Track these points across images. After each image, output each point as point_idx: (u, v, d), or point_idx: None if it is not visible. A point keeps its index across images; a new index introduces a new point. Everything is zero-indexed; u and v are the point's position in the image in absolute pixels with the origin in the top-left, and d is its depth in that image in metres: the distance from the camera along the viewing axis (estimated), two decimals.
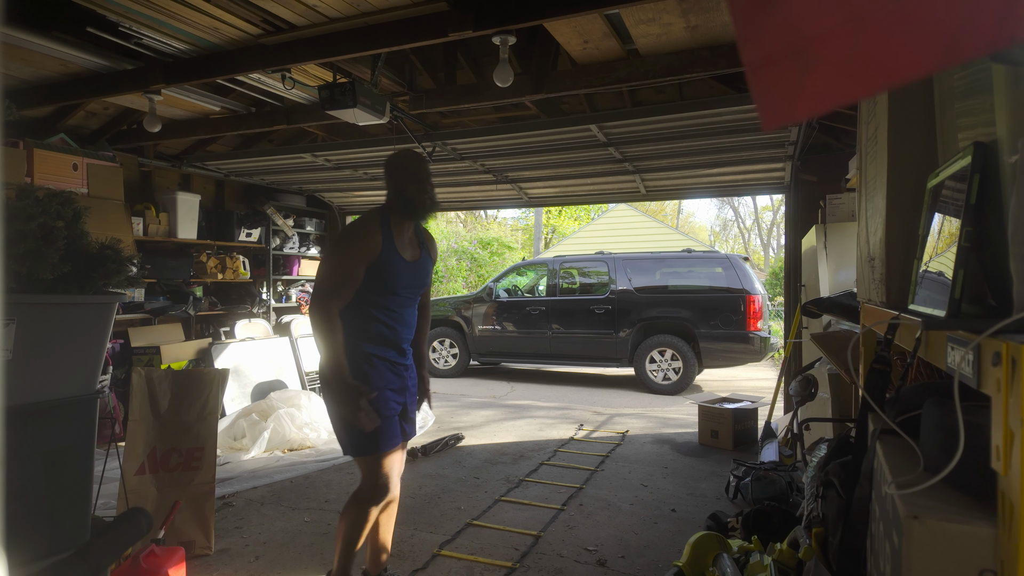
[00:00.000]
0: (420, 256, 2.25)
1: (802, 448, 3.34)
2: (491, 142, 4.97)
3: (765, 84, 0.49)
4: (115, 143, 5.28)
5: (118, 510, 2.69)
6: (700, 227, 30.61)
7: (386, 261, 2.10)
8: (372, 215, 2.17)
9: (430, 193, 2.21)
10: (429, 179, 2.21)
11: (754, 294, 7.08)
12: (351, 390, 1.99)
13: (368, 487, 2.14)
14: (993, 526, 0.82)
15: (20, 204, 1.59)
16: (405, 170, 2.19)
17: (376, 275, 2.09)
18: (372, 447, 2.09)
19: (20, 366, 1.51)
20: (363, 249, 2.07)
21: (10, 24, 3.04)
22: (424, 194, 2.18)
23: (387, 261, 2.10)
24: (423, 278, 2.27)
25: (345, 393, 1.98)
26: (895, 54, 0.45)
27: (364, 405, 1.99)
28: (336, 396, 2.05)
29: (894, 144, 1.42)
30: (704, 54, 3.32)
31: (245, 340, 5.92)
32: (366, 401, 2.00)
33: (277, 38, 3.22)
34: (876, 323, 1.42)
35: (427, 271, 2.29)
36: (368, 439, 2.08)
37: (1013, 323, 0.76)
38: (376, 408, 2.07)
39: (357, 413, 1.98)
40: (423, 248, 2.29)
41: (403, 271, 2.15)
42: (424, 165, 2.22)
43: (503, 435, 5.14)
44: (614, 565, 2.71)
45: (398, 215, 2.18)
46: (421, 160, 2.24)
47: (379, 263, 2.09)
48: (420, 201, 2.18)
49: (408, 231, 2.23)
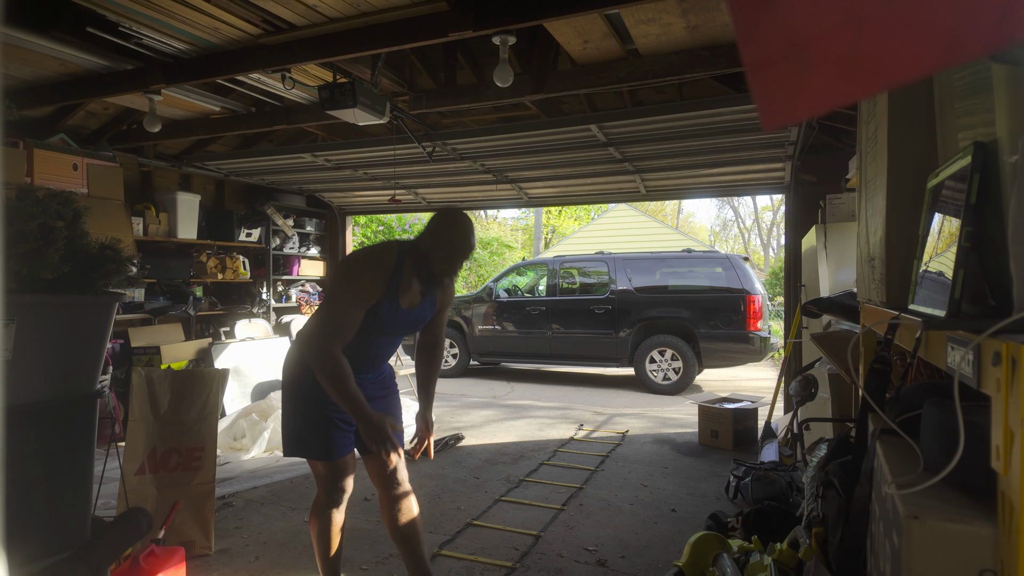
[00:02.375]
0: (419, 304, 2.12)
1: (802, 448, 3.34)
2: (491, 142, 4.97)
3: (765, 84, 0.49)
4: (115, 143, 5.28)
5: (118, 510, 2.69)
6: (700, 227, 30.64)
7: (383, 306, 1.99)
8: (389, 255, 2.01)
9: (451, 275, 2.07)
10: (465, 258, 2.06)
11: (754, 294, 7.08)
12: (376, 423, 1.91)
13: (321, 493, 2.16)
14: (993, 526, 0.82)
15: (20, 204, 1.59)
16: (448, 240, 2.00)
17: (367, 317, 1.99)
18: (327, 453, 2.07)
19: (20, 366, 1.50)
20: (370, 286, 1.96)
21: (10, 24, 3.04)
22: (446, 276, 2.06)
23: (383, 307, 1.99)
24: (414, 325, 2.15)
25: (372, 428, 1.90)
26: (895, 54, 0.45)
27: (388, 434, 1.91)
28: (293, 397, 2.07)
29: (894, 144, 1.42)
30: (704, 54, 3.32)
31: (245, 340, 5.92)
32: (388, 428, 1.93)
33: (277, 38, 3.22)
34: (876, 323, 1.42)
35: (422, 318, 2.16)
36: (323, 445, 2.05)
37: (1013, 323, 0.76)
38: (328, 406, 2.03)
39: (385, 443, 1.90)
40: (426, 297, 2.14)
41: (393, 319, 2.04)
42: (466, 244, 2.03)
43: (503, 435, 5.14)
44: (614, 565, 2.71)
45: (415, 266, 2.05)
46: (467, 238, 2.04)
47: (373, 308, 1.98)
48: (437, 280, 2.06)
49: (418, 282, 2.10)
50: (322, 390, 1.97)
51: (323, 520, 2.17)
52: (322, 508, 2.17)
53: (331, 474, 2.11)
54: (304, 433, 2.08)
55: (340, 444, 2.09)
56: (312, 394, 2.04)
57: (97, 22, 3.18)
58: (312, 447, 2.09)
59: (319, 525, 2.18)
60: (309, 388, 2.04)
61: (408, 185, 6.63)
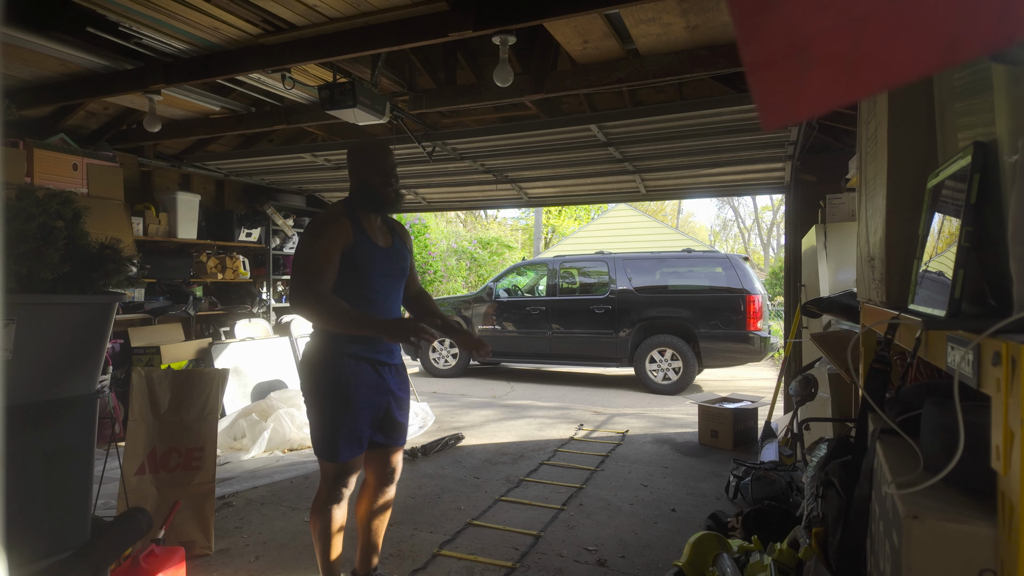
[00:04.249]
0: (393, 242, 2.22)
1: (802, 448, 3.34)
2: (491, 142, 4.97)
3: (765, 84, 0.49)
4: (115, 143, 5.28)
5: (118, 510, 2.69)
6: (700, 227, 30.63)
7: (358, 247, 2.06)
8: (336, 207, 2.15)
9: (394, 186, 2.16)
10: (394, 171, 2.17)
11: (754, 294, 7.08)
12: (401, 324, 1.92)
13: (323, 490, 2.16)
14: (993, 526, 0.82)
15: (20, 204, 1.59)
16: (368, 162, 2.15)
17: (350, 264, 2.06)
18: (333, 455, 2.09)
19: (20, 366, 1.50)
20: (334, 235, 2.03)
21: (10, 24, 3.04)
22: (388, 187, 2.14)
23: (359, 247, 2.07)
24: (400, 264, 2.22)
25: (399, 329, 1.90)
26: (895, 54, 0.45)
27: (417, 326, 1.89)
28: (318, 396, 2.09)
29: (894, 144, 1.42)
30: (704, 54, 3.32)
31: (245, 340, 5.92)
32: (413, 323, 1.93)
33: (277, 38, 3.22)
34: (876, 323, 1.42)
35: (403, 256, 2.24)
36: (331, 446, 2.08)
37: (1013, 323, 0.76)
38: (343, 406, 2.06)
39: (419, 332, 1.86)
40: (394, 235, 2.25)
41: (377, 257, 2.12)
42: (388, 157, 2.17)
43: (503, 435, 5.14)
44: (614, 565, 2.72)
45: (363, 208, 2.15)
46: (385, 151, 2.18)
47: (352, 251, 2.05)
48: (384, 194, 2.14)
49: (376, 221, 2.20)
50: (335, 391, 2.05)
51: (324, 517, 2.16)
52: (322, 505, 2.15)
53: (337, 473, 2.13)
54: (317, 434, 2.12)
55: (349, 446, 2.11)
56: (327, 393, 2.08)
57: (97, 22, 3.18)
58: (321, 447, 2.12)
59: (320, 522, 2.17)
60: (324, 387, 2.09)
61: (408, 185, 6.63)
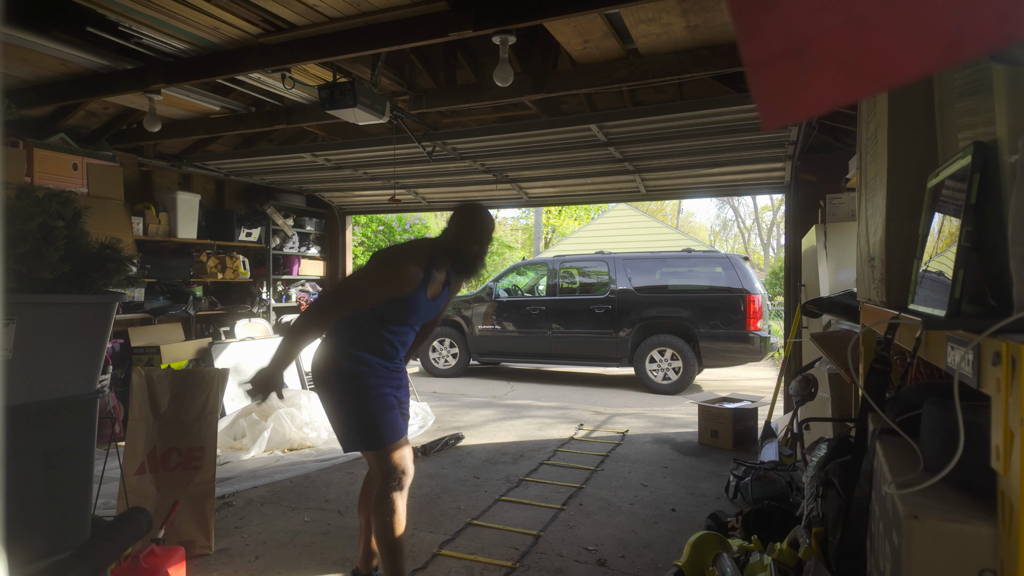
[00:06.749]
0: (440, 294, 2.28)
1: (802, 448, 3.34)
2: (491, 142, 4.97)
3: (765, 84, 0.49)
4: (115, 143, 5.28)
5: (118, 510, 2.69)
6: (700, 227, 30.63)
7: (410, 299, 2.13)
8: (423, 251, 2.18)
9: (483, 258, 2.25)
10: (490, 241, 2.25)
11: (754, 294, 7.08)
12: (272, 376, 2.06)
13: (387, 479, 2.13)
14: (993, 526, 0.82)
15: (20, 204, 1.59)
16: (474, 228, 2.20)
17: (397, 306, 2.13)
18: (381, 441, 2.11)
19: (20, 366, 1.50)
20: (400, 283, 2.09)
21: (10, 24, 3.04)
22: (480, 257, 2.23)
23: (411, 299, 2.13)
24: (433, 312, 2.31)
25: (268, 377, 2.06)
26: (895, 54, 0.45)
27: (272, 389, 2.07)
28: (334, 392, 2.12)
29: (894, 144, 1.42)
30: (704, 54, 3.32)
31: (245, 340, 5.92)
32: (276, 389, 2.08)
33: (277, 38, 3.22)
34: (876, 323, 1.42)
35: (440, 306, 2.34)
36: (377, 433, 2.10)
37: (1013, 323, 0.76)
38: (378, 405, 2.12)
39: (264, 392, 2.07)
40: (447, 287, 2.32)
41: (420, 308, 2.19)
42: (491, 227, 2.25)
43: (503, 435, 5.14)
44: (614, 565, 2.72)
45: (446, 265, 2.22)
46: (490, 221, 2.26)
47: (403, 298, 2.12)
48: (474, 264, 2.22)
49: (444, 275, 2.27)
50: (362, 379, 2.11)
51: (390, 508, 2.10)
52: (382, 496, 2.11)
53: (392, 457, 2.12)
54: (356, 425, 2.12)
55: (396, 427, 2.14)
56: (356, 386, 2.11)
57: (97, 22, 3.18)
58: (365, 441, 2.12)
59: (386, 513, 2.09)
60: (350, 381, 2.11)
61: (408, 185, 6.63)
